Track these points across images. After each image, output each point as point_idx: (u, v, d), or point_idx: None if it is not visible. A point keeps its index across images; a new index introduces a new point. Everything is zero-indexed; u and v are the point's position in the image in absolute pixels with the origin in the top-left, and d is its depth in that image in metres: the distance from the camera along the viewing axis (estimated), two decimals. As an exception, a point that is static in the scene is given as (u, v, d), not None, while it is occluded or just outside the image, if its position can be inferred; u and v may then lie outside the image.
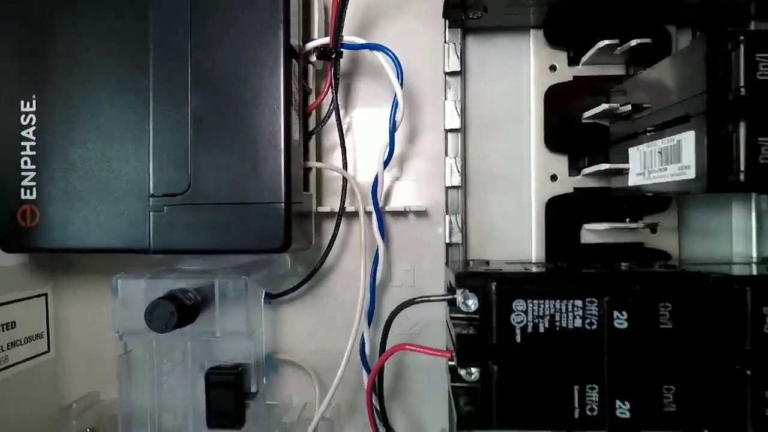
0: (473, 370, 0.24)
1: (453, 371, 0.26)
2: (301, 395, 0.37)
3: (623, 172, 0.30)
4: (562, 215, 0.33)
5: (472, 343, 0.23)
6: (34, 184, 0.30)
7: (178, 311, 0.28)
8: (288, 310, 0.37)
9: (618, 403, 0.21)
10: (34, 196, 0.30)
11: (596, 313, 0.21)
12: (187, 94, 0.28)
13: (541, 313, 0.22)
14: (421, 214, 0.35)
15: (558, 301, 0.21)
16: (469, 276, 0.23)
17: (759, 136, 0.21)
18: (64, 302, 0.38)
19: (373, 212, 0.34)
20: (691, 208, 0.33)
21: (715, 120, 0.22)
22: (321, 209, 0.35)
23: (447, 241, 0.33)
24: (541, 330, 0.22)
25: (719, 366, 0.22)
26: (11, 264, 0.35)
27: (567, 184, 0.33)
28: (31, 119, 0.30)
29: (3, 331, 0.34)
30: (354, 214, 0.36)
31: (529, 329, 0.22)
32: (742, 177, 0.21)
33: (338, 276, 0.36)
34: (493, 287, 0.22)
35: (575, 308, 0.21)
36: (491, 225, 0.34)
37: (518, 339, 0.22)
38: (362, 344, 0.34)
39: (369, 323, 0.34)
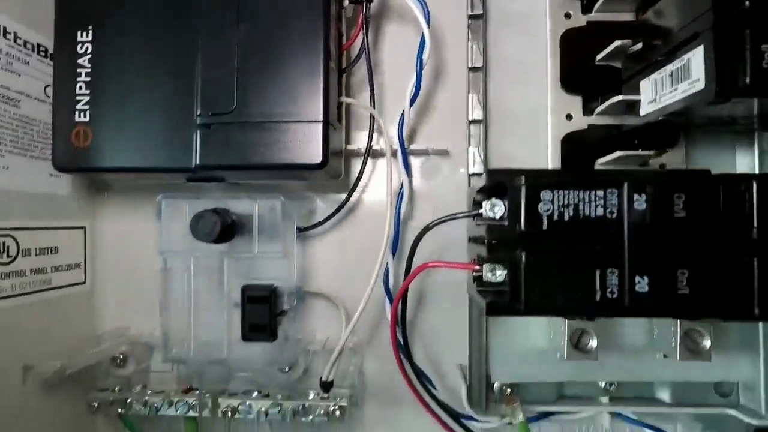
0: (498, 272, 0.27)
1: (478, 279, 0.28)
2: (327, 328, 0.39)
3: (635, 109, 0.33)
4: (577, 150, 0.35)
5: (501, 234, 0.25)
6: (87, 107, 0.32)
7: (221, 223, 0.30)
8: (315, 244, 0.39)
9: (637, 278, 0.23)
10: (87, 119, 0.32)
11: (616, 202, 0.23)
12: (234, 21, 0.30)
13: (565, 203, 0.24)
14: (443, 153, 0.38)
15: (582, 191, 0.24)
16: (500, 172, 0.25)
17: (762, 44, 0.23)
18: (100, 238, 0.40)
19: (399, 149, 0.36)
20: (697, 147, 0.36)
21: (722, 32, 0.24)
22: (349, 147, 0.37)
23: (470, 172, 0.35)
24: (566, 218, 0.24)
25: (729, 254, 0.24)
26: (58, 193, 0.37)
27: (581, 122, 0.35)
28: (87, 48, 0.32)
29: (48, 254, 0.36)
30: (379, 154, 0.38)
31: (555, 217, 0.24)
32: (747, 80, 0.23)
33: (364, 211, 0.38)
34: (522, 180, 0.24)
35: (597, 198, 0.23)
36: (510, 159, 0.36)
37: (545, 226, 0.24)
38: (386, 275, 0.36)
39: (393, 254, 0.36)
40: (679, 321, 0.32)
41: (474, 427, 0.37)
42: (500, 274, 0.26)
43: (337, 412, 0.34)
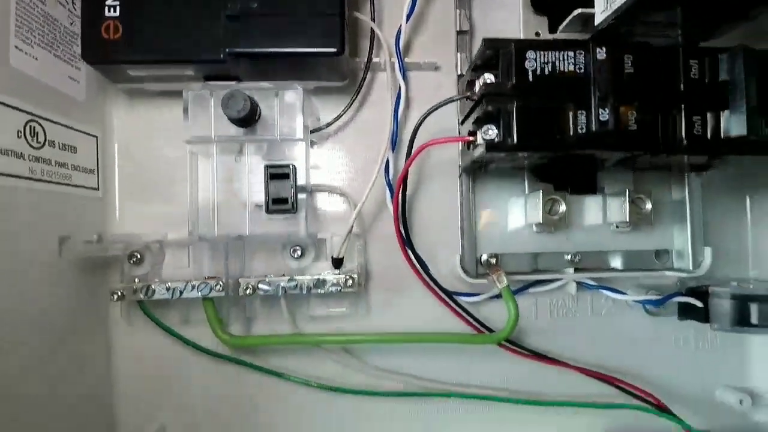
0: (491, 131, 0.33)
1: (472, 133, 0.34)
2: (334, 223, 0.43)
3: (591, 24, 0.40)
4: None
5: (495, 89, 0.31)
6: (117, 3, 0.35)
7: (251, 101, 0.34)
8: (322, 146, 0.43)
9: (600, 111, 0.29)
10: (117, 14, 0.35)
11: (583, 61, 0.30)
12: None
13: (545, 60, 0.30)
14: (434, 67, 0.43)
15: (557, 52, 0.30)
16: (494, 40, 0.31)
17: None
18: (111, 149, 0.43)
19: (396, 60, 0.42)
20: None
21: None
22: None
23: (458, 73, 0.41)
24: (546, 72, 0.30)
25: (664, 101, 0.31)
26: (76, 97, 0.39)
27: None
28: (117, -55, 0.35)
29: (68, 151, 0.38)
30: (377, 67, 0.43)
31: (538, 72, 0.30)
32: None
33: (365, 116, 0.43)
34: (512, 44, 0.30)
35: (569, 56, 0.30)
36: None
37: (530, 79, 0.30)
38: (386, 169, 0.41)
39: (393, 148, 0.41)
40: (627, 192, 0.40)
41: (465, 303, 0.43)
42: (492, 132, 0.33)
43: (350, 281, 0.39)
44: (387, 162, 0.41)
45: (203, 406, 0.43)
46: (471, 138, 0.35)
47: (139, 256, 0.40)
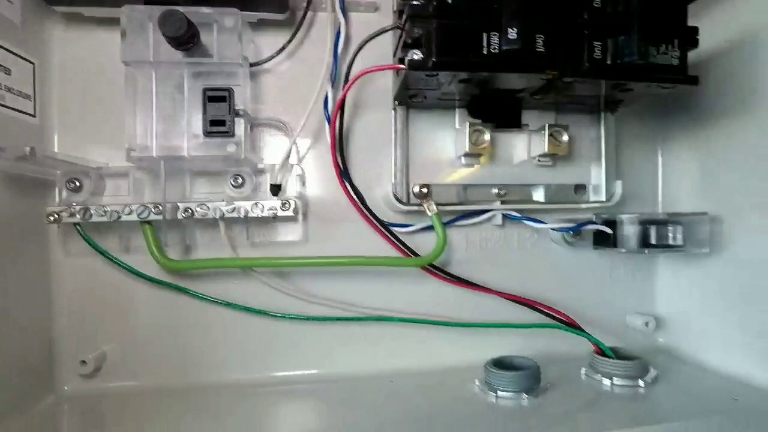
0: (417, 54, 0.35)
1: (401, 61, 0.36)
2: (274, 154, 0.45)
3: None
4: None
5: (418, 11, 0.33)
6: None
7: (187, 21, 0.35)
8: (262, 79, 0.45)
9: (509, 30, 0.32)
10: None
11: (497, -15, 0.33)
12: None
13: (463, -15, 0.33)
14: (376, 9, 0.45)
15: (475, -23, 0.33)
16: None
17: None
18: (50, 76, 0.42)
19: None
20: None
21: None
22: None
23: (394, 9, 0.43)
24: (464, -3, 0.33)
25: (573, 26, 0.34)
26: (12, 19, 0.39)
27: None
28: None
29: (1, 72, 0.38)
30: (318, 5, 0.45)
31: (456, -4, 0.33)
32: None
33: (307, 49, 0.45)
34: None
35: (484, -18, 0.33)
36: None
37: (450, 1, 0.33)
38: (325, 100, 0.43)
39: (332, 84, 0.43)
40: (546, 125, 0.44)
41: (400, 234, 0.46)
42: (416, 55, 0.35)
43: (287, 206, 0.41)
44: (326, 97, 0.43)
45: (144, 333, 0.44)
46: (396, 65, 0.38)
47: (78, 183, 0.41)
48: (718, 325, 0.46)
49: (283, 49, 0.43)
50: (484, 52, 0.33)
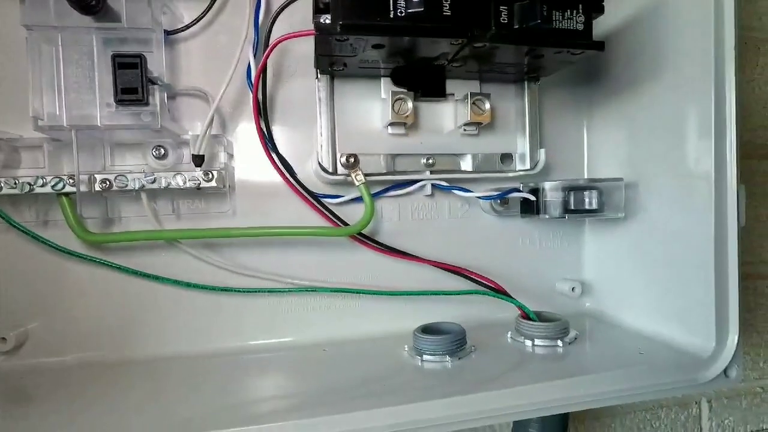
0: (325, 19, 0.35)
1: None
2: (196, 124, 0.44)
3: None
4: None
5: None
6: None
7: (90, -16, 0.34)
8: (181, 48, 0.44)
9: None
10: None
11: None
12: None
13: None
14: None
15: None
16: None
17: None
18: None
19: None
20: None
21: None
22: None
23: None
24: (369, -41, 0.33)
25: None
26: None
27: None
28: None
29: None
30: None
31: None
32: None
33: (228, 17, 0.44)
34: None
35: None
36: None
37: (356, -36, 0.33)
38: (248, 69, 0.43)
39: (254, 52, 0.43)
40: (469, 95, 0.44)
41: (330, 205, 0.46)
42: (328, 17, 0.35)
43: (210, 176, 0.40)
44: (248, 66, 0.43)
45: (69, 308, 0.43)
46: (308, 31, 0.37)
47: (-13, 156, 0.39)
48: (632, 287, 0.48)
49: (201, 17, 0.43)
50: (391, 15, 0.33)
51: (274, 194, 0.45)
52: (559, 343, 0.43)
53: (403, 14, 0.33)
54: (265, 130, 0.43)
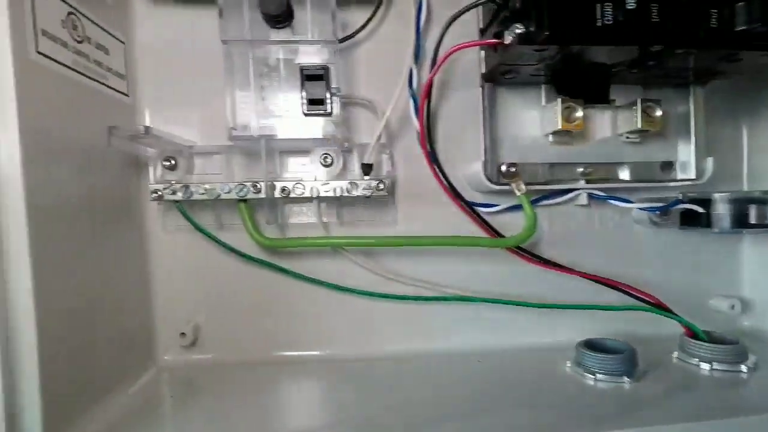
0: (518, 29, 0.34)
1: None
2: (362, 134, 0.45)
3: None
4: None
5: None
6: None
7: (288, -1, 0.35)
8: (346, 55, 0.44)
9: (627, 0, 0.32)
10: None
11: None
12: None
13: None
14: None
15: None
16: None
17: None
18: (140, 55, 0.43)
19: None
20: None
21: None
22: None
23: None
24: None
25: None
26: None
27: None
28: None
29: (102, 51, 0.38)
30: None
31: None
32: None
33: (387, 28, 0.44)
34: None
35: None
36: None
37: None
38: (410, 78, 0.43)
39: (416, 60, 0.43)
40: (639, 100, 0.42)
41: (484, 213, 0.46)
42: (520, 29, 0.34)
43: (381, 185, 0.41)
44: (410, 75, 0.43)
45: (235, 308, 0.45)
46: (497, 40, 0.37)
47: (173, 161, 0.41)
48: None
49: (365, 25, 0.43)
50: (598, 24, 0.32)
51: (432, 202, 0.45)
52: (743, 368, 0.41)
53: (610, 22, 0.32)
54: (428, 140, 0.43)
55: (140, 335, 0.43)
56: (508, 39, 0.35)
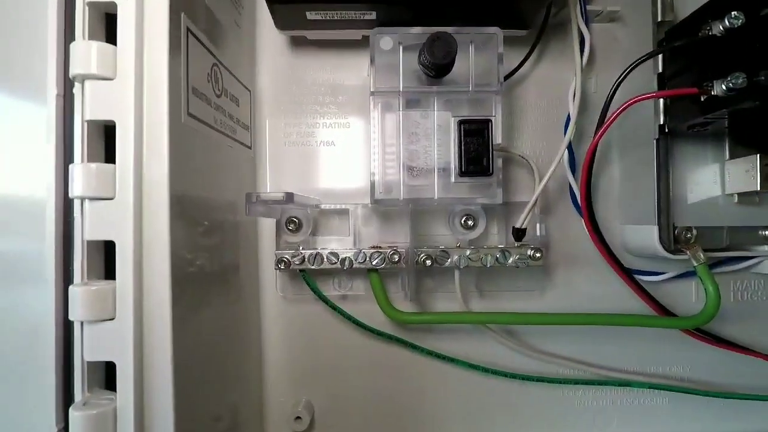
0: (739, 79, 0.28)
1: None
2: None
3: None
4: None
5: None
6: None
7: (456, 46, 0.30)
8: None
9: None
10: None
11: None
12: None
13: None
14: (611, 19, 0.39)
15: None
16: None
17: None
18: (260, 104, 0.39)
19: (579, 6, 0.37)
20: None
21: None
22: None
23: (657, 20, 0.36)
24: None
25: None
26: (237, 42, 0.35)
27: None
28: None
29: (235, 103, 0.34)
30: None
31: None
32: None
33: (543, 70, 0.39)
34: None
35: None
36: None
37: None
38: (566, 123, 0.37)
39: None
40: None
41: (644, 283, 0.39)
42: (741, 81, 0.28)
43: (539, 254, 0.35)
44: (567, 121, 0.37)
45: (355, 387, 0.40)
46: (693, 90, 0.31)
47: (297, 222, 0.37)
48: None
49: (519, 66, 0.38)
50: None
51: (584, 268, 0.39)
52: None
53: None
54: (587, 200, 0.37)
55: (248, 415, 0.38)
56: (716, 92, 0.29)
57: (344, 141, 0.40)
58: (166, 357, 0.23)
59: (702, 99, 0.31)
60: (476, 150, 0.32)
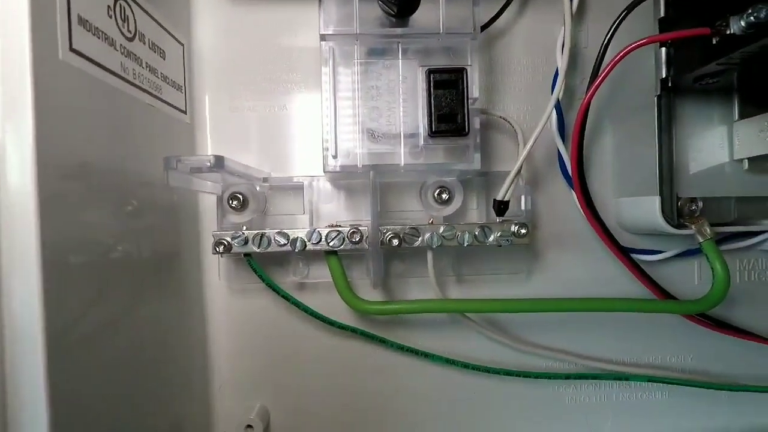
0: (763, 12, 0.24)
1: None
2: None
3: None
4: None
5: None
6: None
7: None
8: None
9: None
10: None
11: None
12: None
13: None
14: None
15: None
16: None
17: None
18: (199, 62, 0.33)
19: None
20: None
21: None
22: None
23: None
24: None
25: None
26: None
27: None
28: None
29: (157, 54, 0.28)
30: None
31: None
32: None
33: (527, 21, 0.34)
34: None
35: None
36: None
37: None
38: (554, 78, 0.32)
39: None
40: None
41: (641, 262, 0.35)
42: (765, 14, 0.24)
43: (524, 229, 0.30)
44: (555, 75, 0.32)
45: (316, 389, 0.34)
46: (705, 30, 0.26)
47: (241, 199, 0.31)
48: None
49: (500, 13, 0.32)
50: None
51: (574, 248, 0.35)
52: None
53: None
54: (579, 171, 0.32)
55: (193, 427, 0.33)
56: (732, 30, 0.25)
57: (299, 105, 0.34)
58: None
59: (714, 41, 0.26)
60: (449, 105, 0.27)
